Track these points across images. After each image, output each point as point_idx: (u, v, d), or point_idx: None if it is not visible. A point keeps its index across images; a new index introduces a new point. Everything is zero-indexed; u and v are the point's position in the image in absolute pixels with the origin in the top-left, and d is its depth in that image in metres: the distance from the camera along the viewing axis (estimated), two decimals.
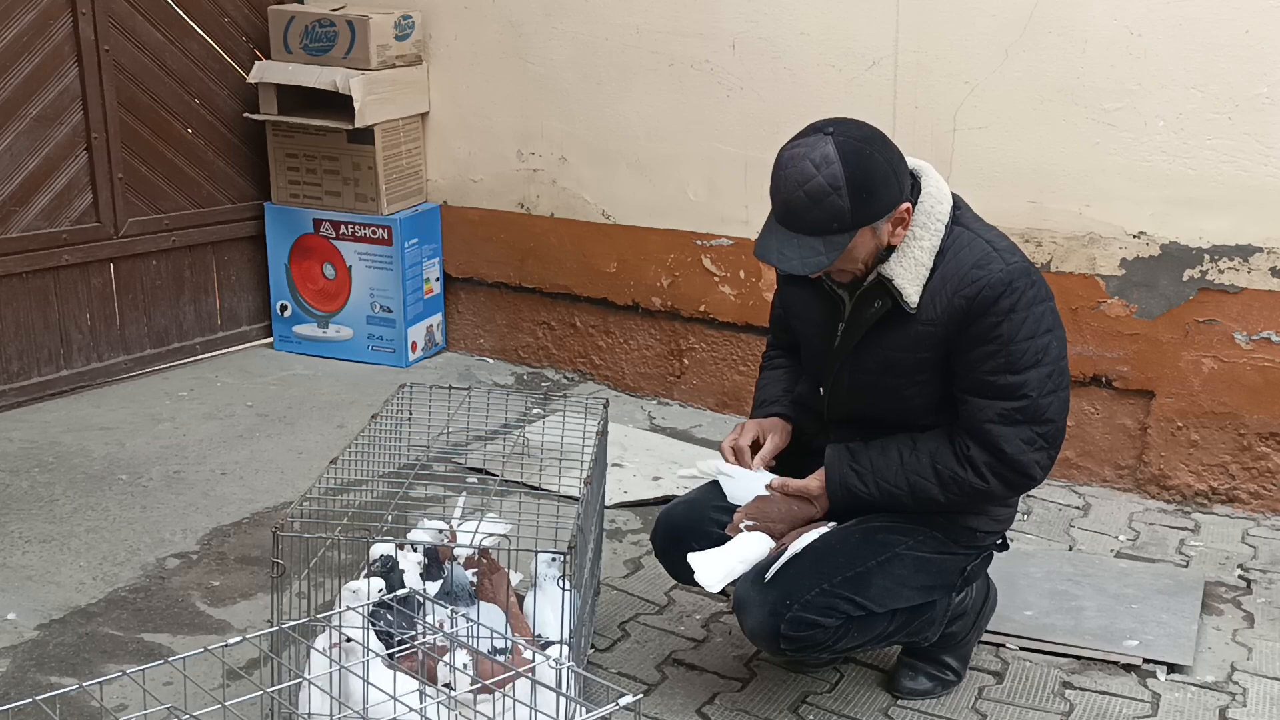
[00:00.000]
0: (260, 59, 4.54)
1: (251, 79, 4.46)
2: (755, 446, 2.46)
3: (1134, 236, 3.43)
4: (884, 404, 2.32)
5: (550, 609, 2.34)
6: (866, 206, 2.13)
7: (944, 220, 2.24)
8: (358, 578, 2.18)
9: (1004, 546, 2.50)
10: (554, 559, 2.36)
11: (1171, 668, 2.62)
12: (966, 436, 2.23)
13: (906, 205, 2.21)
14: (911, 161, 2.29)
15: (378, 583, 2.16)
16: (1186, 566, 3.12)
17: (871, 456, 2.31)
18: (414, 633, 2.02)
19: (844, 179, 2.10)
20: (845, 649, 2.33)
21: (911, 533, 2.31)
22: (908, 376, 2.28)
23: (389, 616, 2.07)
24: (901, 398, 2.30)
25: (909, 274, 2.21)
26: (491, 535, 2.30)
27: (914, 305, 2.22)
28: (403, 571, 2.25)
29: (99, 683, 1.66)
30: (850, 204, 2.11)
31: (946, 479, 2.25)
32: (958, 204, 2.30)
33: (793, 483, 2.35)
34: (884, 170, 2.16)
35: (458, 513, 2.55)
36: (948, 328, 2.21)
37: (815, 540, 2.28)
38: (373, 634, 2.06)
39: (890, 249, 2.23)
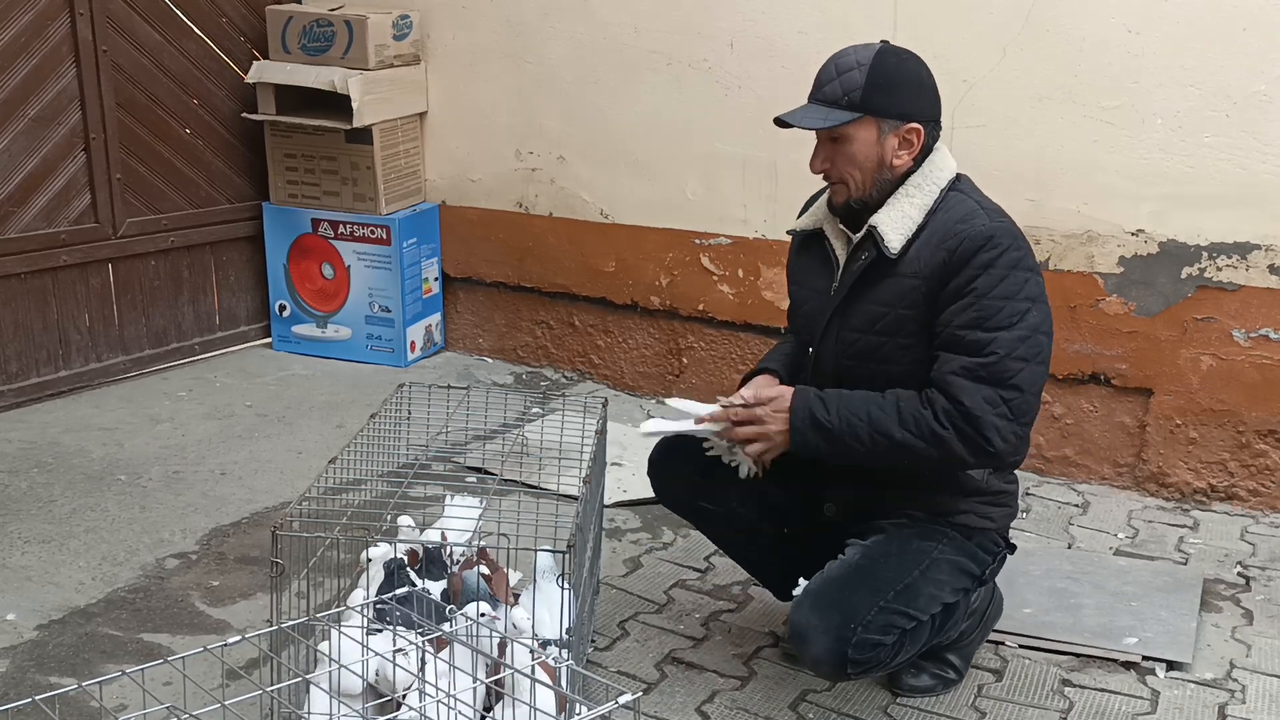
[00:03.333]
0: (258, 59, 4.54)
1: (249, 79, 4.46)
2: None
3: (1132, 234, 3.44)
4: (866, 367, 2.33)
5: (546, 607, 2.34)
6: (881, 94, 2.23)
7: (941, 185, 2.31)
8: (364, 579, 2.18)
9: (1012, 548, 2.50)
10: (553, 557, 2.37)
11: (1170, 665, 2.62)
12: (932, 387, 2.23)
13: (918, 127, 2.28)
14: (944, 148, 2.37)
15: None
16: (1185, 564, 3.12)
17: (839, 392, 2.31)
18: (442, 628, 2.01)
19: (871, 62, 2.24)
20: (898, 664, 2.33)
21: (937, 536, 2.33)
22: (890, 336, 2.29)
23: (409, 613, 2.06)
24: (883, 360, 2.31)
25: (894, 223, 2.27)
26: (470, 528, 2.30)
27: (894, 251, 2.26)
28: (408, 572, 2.26)
29: (98, 683, 1.66)
30: (865, 83, 2.23)
31: (906, 415, 2.22)
32: (960, 177, 2.35)
33: (764, 393, 2.34)
34: (912, 78, 2.28)
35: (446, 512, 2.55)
36: (930, 282, 2.23)
37: (858, 558, 2.29)
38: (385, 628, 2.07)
39: (889, 186, 2.29)
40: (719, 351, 4.17)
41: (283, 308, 4.72)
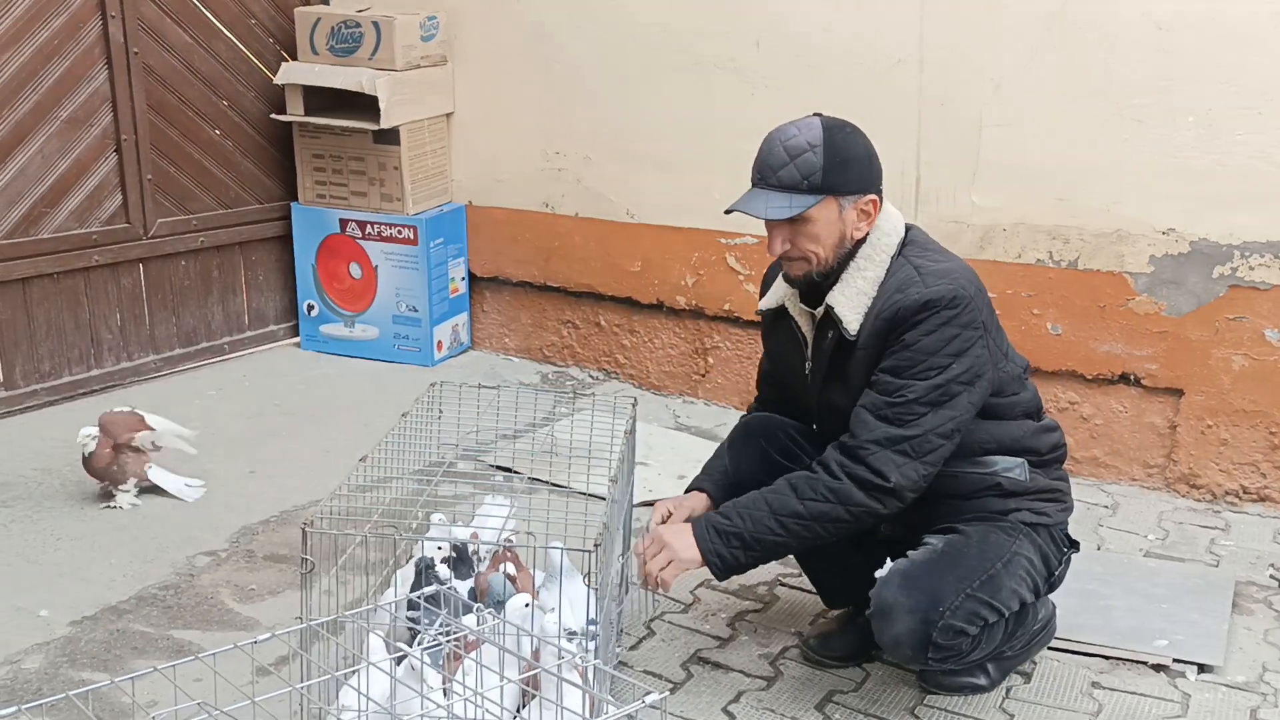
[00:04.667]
0: (287, 60, 4.57)
1: (278, 80, 4.49)
2: None
3: (1163, 233, 3.40)
4: None
5: (569, 604, 2.34)
6: (839, 172, 2.24)
7: (890, 253, 2.33)
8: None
9: (1076, 547, 2.51)
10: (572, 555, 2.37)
11: (1202, 668, 2.60)
12: (833, 447, 2.28)
13: (874, 198, 2.30)
14: (889, 205, 2.38)
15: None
16: (1217, 566, 3.09)
17: (733, 501, 2.35)
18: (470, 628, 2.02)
19: (822, 141, 2.24)
20: (970, 661, 2.33)
21: (1013, 533, 2.35)
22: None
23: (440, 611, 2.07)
24: None
25: (850, 302, 2.30)
26: (505, 528, 2.30)
27: (853, 333, 2.29)
28: (438, 573, 2.27)
29: (131, 678, 1.67)
30: (824, 163, 2.23)
31: (801, 486, 2.27)
32: (910, 239, 2.36)
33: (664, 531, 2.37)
34: (861, 151, 2.29)
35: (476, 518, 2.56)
36: (876, 351, 2.28)
37: (942, 546, 2.29)
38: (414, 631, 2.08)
39: (846, 256, 2.31)
40: (744, 351, 4.16)
41: (311, 307, 4.75)
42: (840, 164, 2.24)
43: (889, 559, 2.31)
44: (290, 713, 2.15)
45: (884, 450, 2.21)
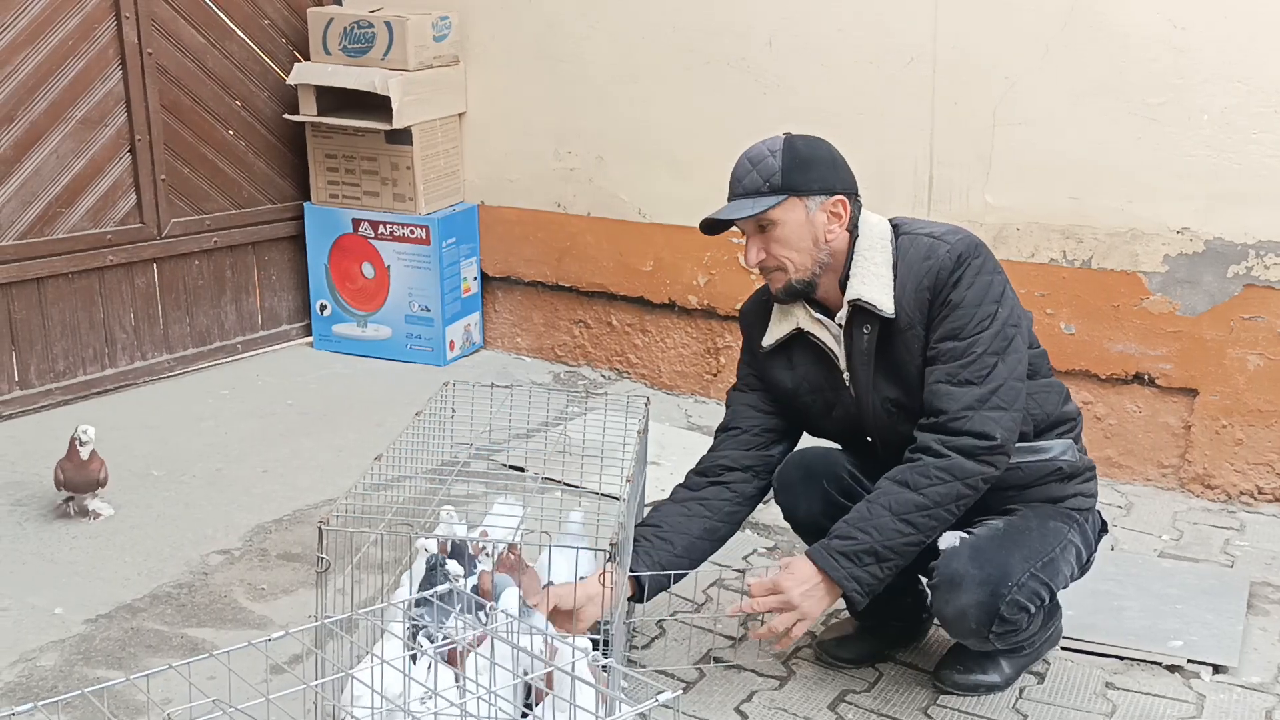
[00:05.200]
0: (300, 60, 4.59)
1: (291, 81, 4.51)
2: None
3: (1177, 232, 3.39)
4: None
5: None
6: (798, 173, 2.28)
7: (887, 238, 2.34)
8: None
9: (1107, 529, 2.56)
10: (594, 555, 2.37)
11: (1216, 669, 2.59)
12: (918, 429, 2.27)
13: (842, 198, 2.31)
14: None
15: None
16: (1232, 567, 3.08)
17: (837, 525, 2.28)
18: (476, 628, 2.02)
19: (782, 146, 2.30)
20: (1020, 641, 2.38)
21: (1069, 521, 2.39)
22: (924, 385, 2.31)
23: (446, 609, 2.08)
24: None
25: (874, 285, 2.30)
26: (514, 528, 2.30)
27: (891, 311, 2.28)
28: (447, 570, 2.27)
29: (145, 676, 1.68)
30: (783, 165, 2.27)
31: (910, 478, 2.24)
32: (899, 222, 2.39)
33: (778, 579, 2.26)
34: (823, 154, 2.33)
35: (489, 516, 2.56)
36: (924, 322, 2.28)
37: (1003, 526, 2.31)
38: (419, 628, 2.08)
39: (829, 262, 2.32)
40: None
41: (323, 307, 4.76)
42: (799, 164, 2.28)
43: (951, 532, 2.29)
44: (304, 710, 2.15)
45: (979, 411, 2.21)
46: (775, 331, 2.47)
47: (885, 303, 2.28)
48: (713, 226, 2.37)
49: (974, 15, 3.56)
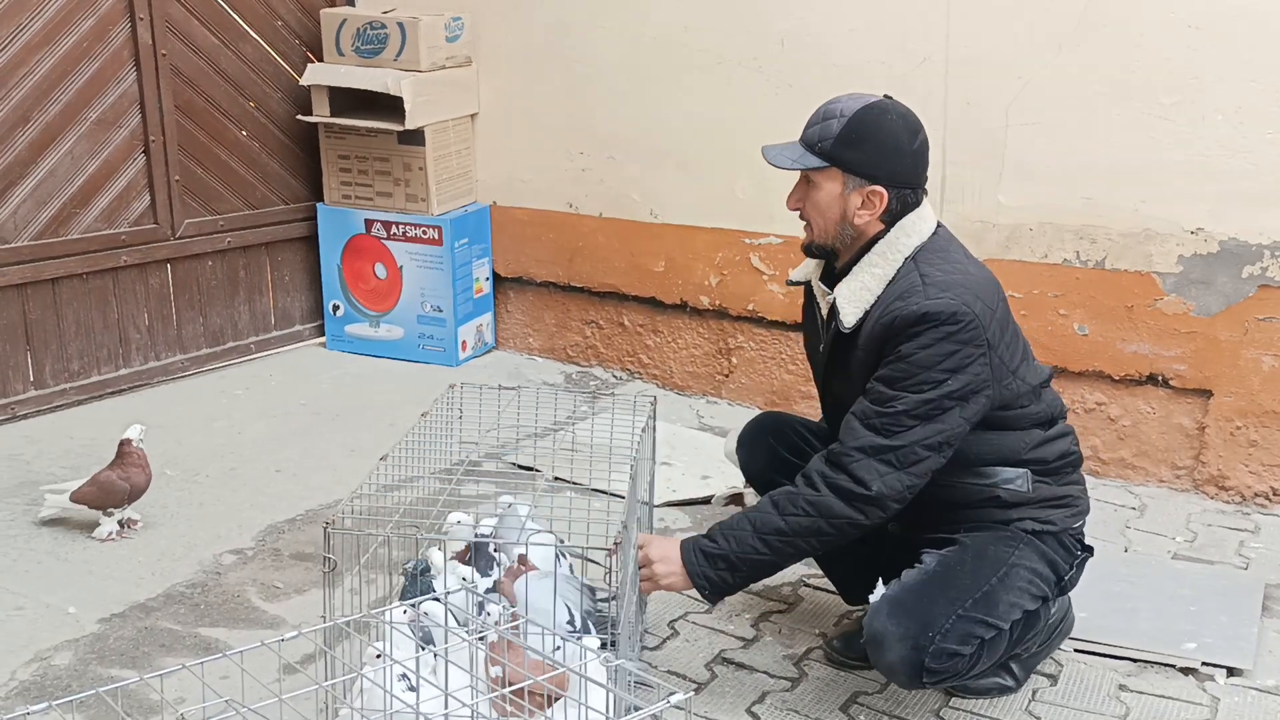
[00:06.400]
0: (312, 61, 4.60)
1: (304, 81, 4.52)
2: None
3: (1191, 233, 3.38)
4: None
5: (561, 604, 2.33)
6: (849, 150, 2.24)
7: (904, 254, 2.29)
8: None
9: (1090, 551, 2.46)
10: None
11: (1231, 671, 2.57)
12: (818, 456, 2.28)
13: (880, 190, 2.26)
14: (926, 208, 2.34)
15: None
16: (1246, 569, 3.06)
17: (721, 522, 2.35)
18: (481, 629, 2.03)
19: (850, 115, 2.25)
20: (975, 674, 2.31)
21: (1014, 542, 2.31)
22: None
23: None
24: None
25: (853, 295, 2.29)
26: (539, 541, 2.30)
27: (848, 326, 2.28)
28: (433, 577, 2.26)
29: (159, 675, 1.69)
30: (837, 136, 2.24)
31: (783, 502, 2.27)
32: (928, 245, 2.31)
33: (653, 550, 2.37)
34: (889, 139, 2.26)
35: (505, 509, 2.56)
36: (874, 354, 2.27)
37: (934, 566, 2.28)
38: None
39: (853, 243, 2.31)
40: (769, 351, 4.16)
41: (336, 307, 4.77)
42: (854, 140, 2.23)
43: (881, 582, 2.28)
44: (316, 710, 2.16)
45: (868, 459, 2.20)
46: (800, 271, 2.52)
47: (850, 316, 2.28)
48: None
49: (986, 15, 3.55)
